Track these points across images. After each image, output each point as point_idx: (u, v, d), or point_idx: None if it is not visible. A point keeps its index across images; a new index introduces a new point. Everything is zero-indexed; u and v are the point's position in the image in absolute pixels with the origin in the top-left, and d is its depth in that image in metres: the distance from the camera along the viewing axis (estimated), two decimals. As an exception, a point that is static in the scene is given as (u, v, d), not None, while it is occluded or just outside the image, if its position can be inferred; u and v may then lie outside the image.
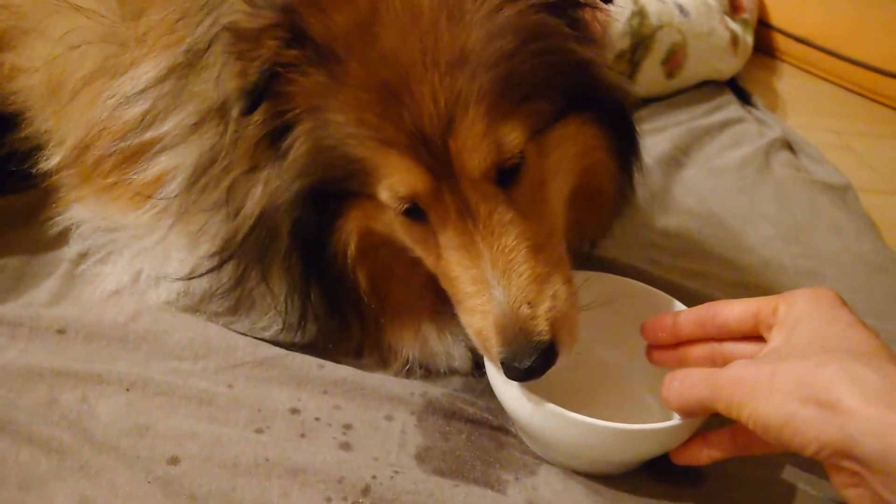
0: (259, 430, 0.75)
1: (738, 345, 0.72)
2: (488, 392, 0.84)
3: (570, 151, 0.75)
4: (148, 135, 0.85)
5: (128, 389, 0.77)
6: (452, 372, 0.86)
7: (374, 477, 0.70)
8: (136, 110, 0.85)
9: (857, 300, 1.00)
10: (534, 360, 0.66)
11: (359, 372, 0.83)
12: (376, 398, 0.81)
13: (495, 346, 0.69)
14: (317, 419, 0.78)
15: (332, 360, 0.84)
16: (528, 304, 0.67)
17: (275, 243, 0.77)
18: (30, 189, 1.01)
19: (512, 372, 0.67)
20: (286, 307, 0.81)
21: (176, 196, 0.84)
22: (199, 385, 0.79)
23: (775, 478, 0.78)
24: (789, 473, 0.78)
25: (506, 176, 0.69)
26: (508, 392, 0.73)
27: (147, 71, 0.85)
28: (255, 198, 0.77)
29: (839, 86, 2.19)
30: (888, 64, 2.04)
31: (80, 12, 0.91)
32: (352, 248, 0.77)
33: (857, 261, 1.20)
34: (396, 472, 0.71)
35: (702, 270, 1.11)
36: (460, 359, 0.85)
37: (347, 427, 0.77)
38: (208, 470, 0.70)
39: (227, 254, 0.81)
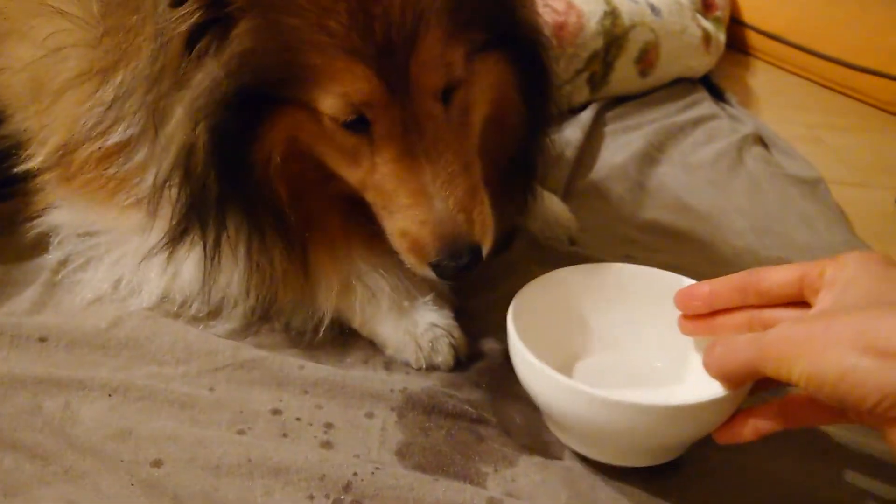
0: (241, 432, 0.77)
1: (780, 311, 0.70)
2: (469, 384, 0.87)
3: (487, 81, 0.80)
4: (120, 136, 0.86)
5: (110, 395, 0.78)
6: (433, 368, 0.87)
7: (355, 474, 0.72)
8: (113, 114, 0.86)
9: None
10: (469, 259, 0.74)
11: (339, 371, 0.84)
12: (356, 396, 0.82)
13: (432, 250, 0.74)
14: (298, 419, 0.79)
15: (310, 362, 0.85)
16: (463, 212, 0.73)
17: (194, 164, 0.76)
18: (9, 198, 1.01)
19: (447, 271, 0.74)
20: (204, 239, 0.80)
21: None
22: (181, 389, 0.80)
23: (755, 466, 0.79)
24: (768, 462, 0.80)
25: (446, 96, 0.74)
26: (542, 381, 0.73)
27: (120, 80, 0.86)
28: (178, 118, 0.75)
29: (811, 81, 2.23)
30: (858, 58, 2.08)
31: (64, 16, 0.92)
32: (276, 158, 0.76)
33: (829, 251, 1.23)
34: (377, 468, 0.73)
35: (677, 263, 1.12)
36: (443, 355, 0.87)
37: (328, 426, 0.79)
38: (191, 471, 0.71)
39: (184, 217, 0.79)
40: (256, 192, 0.77)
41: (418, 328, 0.86)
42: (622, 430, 0.70)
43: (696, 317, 0.77)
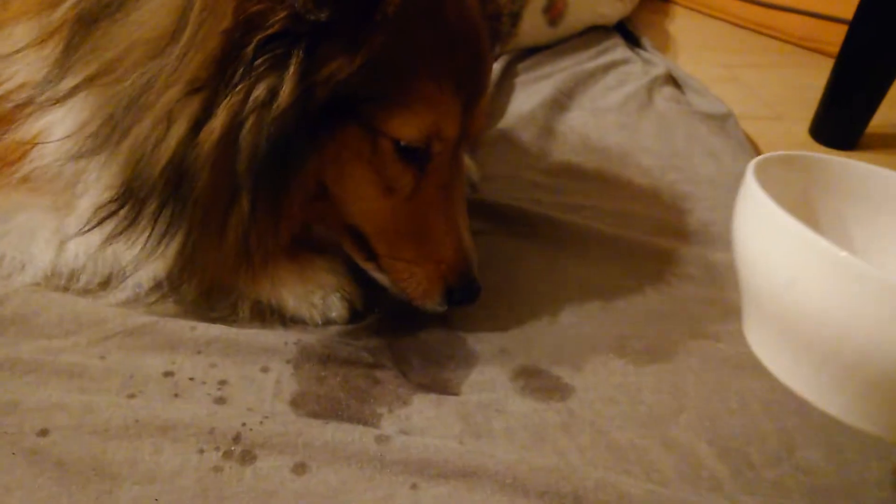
0: (131, 395, 0.76)
1: None
2: (366, 332, 0.87)
3: None
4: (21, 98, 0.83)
5: (-5, 370, 0.77)
6: (329, 323, 0.87)
7: (244, 424, 0.72)
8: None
9: (731, 215, 1.06)
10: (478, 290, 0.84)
11: (232, 329, 0.84)
12: (251, 352, 0.82)
13: (456, 276, 0.82)
14: (191, 379, 0.79)
15: (203, 323, 0.84)
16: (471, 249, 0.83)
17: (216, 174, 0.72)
18: None
19: (460, 296, 0.83)
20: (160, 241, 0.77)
21: (58, 162, 0.81)
22: (70, 359, 0.79)
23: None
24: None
25: None
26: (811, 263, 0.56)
27: (20, 34, 0.83)
28: (213, 125, 0.71)
29: (728, 22, 2.26)
30: (773, -3, 2.12)
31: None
32: (330, 175, 0.78)
33: (733, 180, 1.24)
34: (266, 417, 0.73)
35: (582, 204, 1.15)
36: (337, 309, 0.87)
37: (222, 383, 0.79)
38: (78, 437, 0.70)
39: (131, 196, 0.76)
40: (275, 202, 0.75)
41: (310, 287, 0.87)
42: None
43: None
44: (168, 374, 0.79)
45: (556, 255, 1.02)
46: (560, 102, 1.45)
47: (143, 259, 0.81)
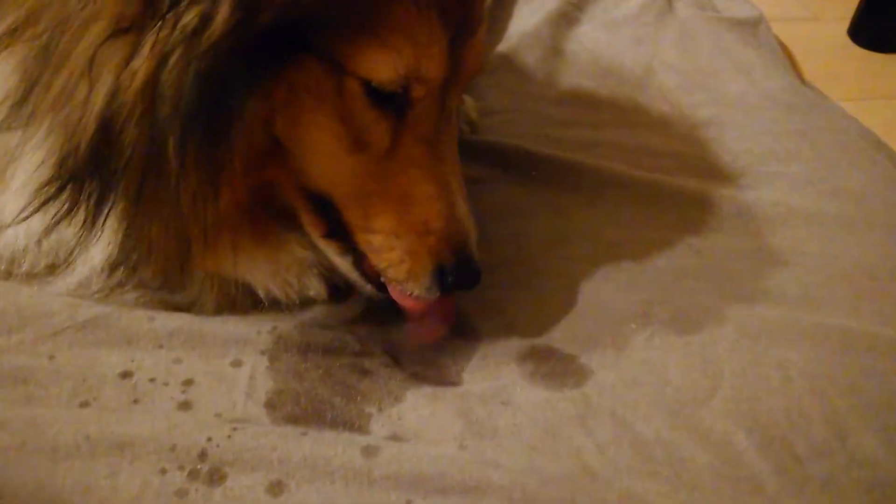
0: (84, 404, 0.66)
1: None
2: (350, 313, 0.76)
3: None
4: None
5: (-72, 381, 0.68)
6: (307, 304, 0.76)
7: (209, 439, 0.62)
8: None
9: (763, 143, 0.92)
10: (477, 275, 0.68)
11: (196, 318, 0.73)
12: (219, 344, 0.72)
13: (448, 252, 0.67)
14: (151, 380, 0.69)
15: (163, 313, 0.74)
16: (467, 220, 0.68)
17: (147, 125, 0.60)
18: None
19: (454, 279, 0.67)
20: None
21: None
22: (17, 361, 0.69)
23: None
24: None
25: None
26: None
27: None
28: (135, 66, 0.58)
29: None
30: None
31: None
32: (276, 119, 0.63)
33: (765, 100, 1.11)
34: (235, 428, 0.63)
35: (595, 139, 1.02)
36: (315, 287, 0.76)
37: (188, 383, 0.69)
38: (22, 459, 0.61)
39: (69, 171, 0.64)
40: (210, 157, 0.62)
41: (281, 260, 0.75)
42: None
43: None
44: (126, 374, 0.69)
45: (567, 204, 0.90)
46: (568, 15, 1.28)
47: (86, 238, 0.70)
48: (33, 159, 0.68)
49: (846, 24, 1.56)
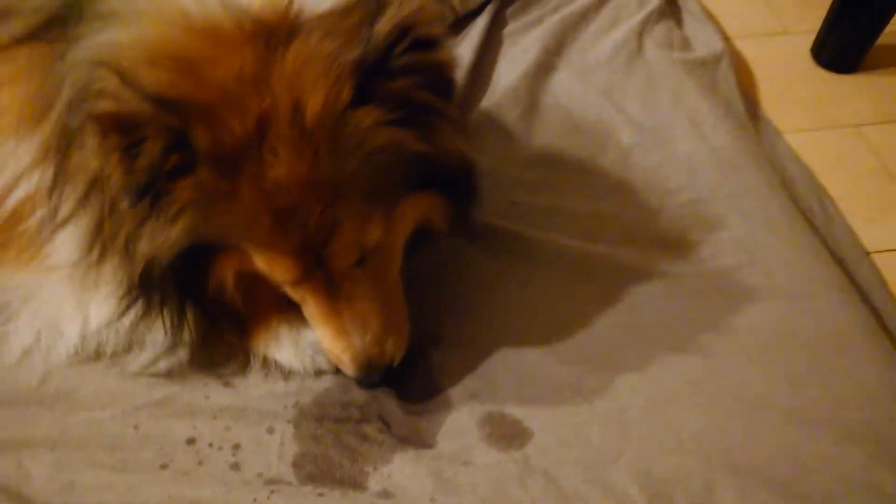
0: (164, 466, 0.93)
1: None
2: (354, 385, 1.00)
3: (412, 218, 0.88)
4: (38, 217, 0.93)
5: (52, 448, 0.94)
6: (320, 374, 1.01)
7: (255, 500, 0.89)
8: (19, 194, 0.93)
9: (701, 208, 1.12)
10: (381, 377, 0.92)
11: (240, 395, 0.99)
12: (257, 415, 0.97)
13: (351, 371, 0.92)
14: (210, 445, 0.95)
15: (215, 389, 0.99)
16: (378, 344, 0.88)
17: (162, 279, 0.86)
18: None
19: (363, 385, 0.95)
20: (172, 330, 0.94)
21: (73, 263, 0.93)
22: (111, 430, 0.96)
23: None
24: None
25: (366, 254, 0.84)
26: None
27: (22, 152, 0.91)
28: (144, 248, 0.83)
29: None
30: None
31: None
32: (228, 283, 0.88)
33: (710, 159, 1.29)
34: (272, 491, 0.90)
35: (557, 207, 1.21)
36: (325, 363, 1.00)
37: (237, 447, 0.95)
38: (125, 514, 0.89)
39: (133, 294, 0.90)
40: (212, 298, 0.90)
41: (300, 342, 0.99)
42: None
43: None
44: (191, 440, 0.95)
45: (528, 277, 1.11)
46: (546, 64, 1.42)
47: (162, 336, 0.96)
48: (111, 281, 0.92)
49: (812, 37, 1.66)
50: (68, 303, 0.99)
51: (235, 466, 0.93)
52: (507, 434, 0.96)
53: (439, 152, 0.81)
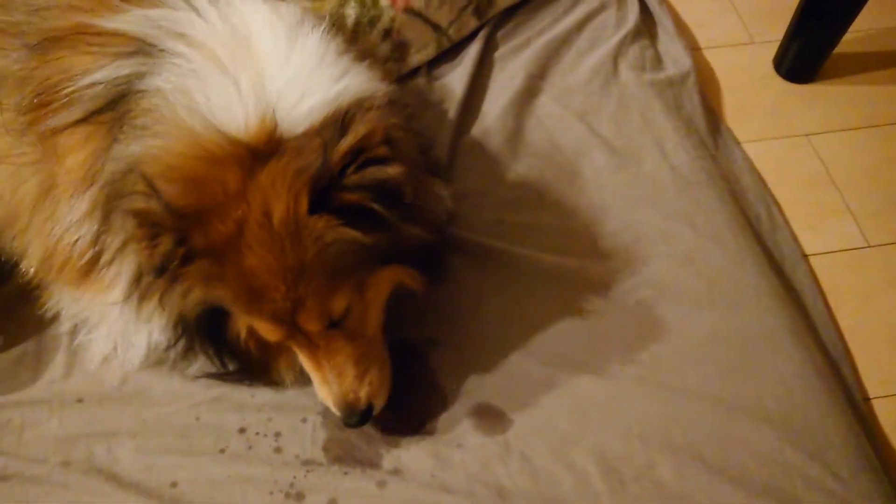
0: (222, 451, 1.18)
1: None
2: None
3: (385, 284, 1.08)
4: (91, 255, 1.17)
5: (134, 437, 1.20)
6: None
7: (294, 477, 1.15)
8: (76, 236, 1.16)
9: (659, 224, 1.35)
10: (359, 419, 1.09)
11: (279, 393, 1.23)
12: (293, 408, 1.22)
13: (335, 412, 1.10)
14: (257, 433, 1.20)
15: (259, 390, 1.24)
16: (353, 392, 1.07)
17: (193, 327, 1.11)
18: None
19: (346, 425, 1.10)
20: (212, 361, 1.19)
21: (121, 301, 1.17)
22: (179, 422, 1.21)
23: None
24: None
25: (337, 320, 1.04)
26: None
27: (78, 205, 1.14)
28: (174, 306, 1.08)
29: None
30: None
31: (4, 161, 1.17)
32: (243, 334, 1.12)
33: (670, 177, 1.50)
34: (308, 470, 1.15)
35: (535, 223, 1.43)
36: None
37: (278, 435, 1.20)
38: (198, 487, 1.15)
39: (177, 332, 1.15)
40: (234, 343, 1.13)
41: None
42: None
43: None
44: (242, 429, 1.21)
45: (509, 288, 1.34)
46: (531, 89, 1.60)
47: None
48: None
49: (775, 46, 1.82)
50: (133, 323, 1.23)
51: (278, 450, 1.19)
52: (491, 422, 1.21)
53: (394, 241, 1.00)
